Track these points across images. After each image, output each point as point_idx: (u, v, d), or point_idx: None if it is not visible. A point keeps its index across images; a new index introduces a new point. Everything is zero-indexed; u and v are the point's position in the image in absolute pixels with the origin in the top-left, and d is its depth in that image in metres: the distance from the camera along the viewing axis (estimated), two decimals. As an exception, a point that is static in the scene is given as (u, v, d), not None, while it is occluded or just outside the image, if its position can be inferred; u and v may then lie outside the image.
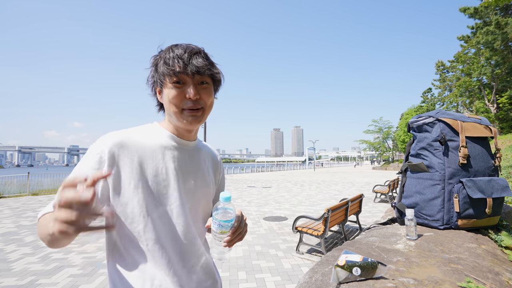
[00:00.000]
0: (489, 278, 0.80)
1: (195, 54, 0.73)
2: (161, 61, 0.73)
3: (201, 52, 0.76)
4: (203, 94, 0.75)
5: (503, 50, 19.21)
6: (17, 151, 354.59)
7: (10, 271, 3.30)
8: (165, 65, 0.72)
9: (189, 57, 0.72)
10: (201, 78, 0.74)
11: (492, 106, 22.20)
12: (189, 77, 0.72)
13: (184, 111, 0.74)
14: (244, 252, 3.98)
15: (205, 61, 0.74)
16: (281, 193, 10.61)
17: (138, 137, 0.75)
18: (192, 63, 0.71)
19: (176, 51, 0.73)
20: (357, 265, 0.75)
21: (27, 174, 10.78)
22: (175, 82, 0.72)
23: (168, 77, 0.72)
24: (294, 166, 47.19)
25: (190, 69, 0.71)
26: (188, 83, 0.73)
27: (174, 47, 0.75)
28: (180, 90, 0.72)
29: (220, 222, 0.66)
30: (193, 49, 0.74)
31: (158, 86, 0.76)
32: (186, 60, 0.71)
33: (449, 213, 1.24)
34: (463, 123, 1.30)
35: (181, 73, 0.71)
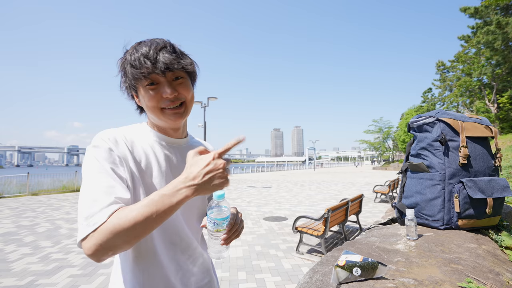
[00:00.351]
0: (490, 278, 0.80)
1: (161, 50, 0.68)
2: (128, 64, 0.68)
3: (167, 45, 0.70)
4: (180, 89, 0.71)
5: (504, 50, 19.21)
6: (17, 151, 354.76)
7: (9, 271, 3.30)
8: (133, 68, 0.67)
9: (155, 54, 0.67)
10: (174, 73, 0.69)
11: (492, 106, 22.20)
12: (160, 76, 0.67)
13: (165, 110, 0.70)
14: (244, 252, 3.97)
15: (172, 55, 0.68)
16: (281, 193, 10.60)
17: (130, 136, 0.73)
18: (159, 60, 0.66)
19: (140, 50, 0.68)
20: (357, 265, 0.74)
21: (27, 174, 10.78)
22: (148, 84, 0.68)
23: (139, 81, 0.67)
24: (294, 166, 47.19)
25: (160, 67, 0.66)
26: (161, 82, 0.68)
27: (137, 46, 0.70)
28: (155, 91, 0.68)
29: (215, 221, 0.65)
30: (157, 44, 0.69)
31: (132, 91, 0.72)
32: (152, 58, 0.66)
33: (450, 213, 1.24)
34: (463, 123, 1.30)
35: (151, 73, 0.66)
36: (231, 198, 9.43)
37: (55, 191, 11.29)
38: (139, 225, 0.53)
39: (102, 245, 0.52)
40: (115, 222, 0.53)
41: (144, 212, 0.53)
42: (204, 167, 0.57)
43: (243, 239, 4.57)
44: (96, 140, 0.67)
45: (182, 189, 0.55)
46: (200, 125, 16.65)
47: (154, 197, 0.55)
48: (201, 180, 0.56)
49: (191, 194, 0.56)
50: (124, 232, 0.52)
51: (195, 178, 0.56)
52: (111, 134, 0.69)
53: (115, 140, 0.68)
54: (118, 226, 0.52)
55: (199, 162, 0.58)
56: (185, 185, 0.55)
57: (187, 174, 0.57)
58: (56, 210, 7.28)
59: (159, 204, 0.54)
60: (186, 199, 0.56)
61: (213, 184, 0.57)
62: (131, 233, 0.53)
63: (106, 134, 0.68)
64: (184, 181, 0.56)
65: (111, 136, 0.68)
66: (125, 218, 0.53)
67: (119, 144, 0.68)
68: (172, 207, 0.55)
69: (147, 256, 0.69)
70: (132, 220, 0.52)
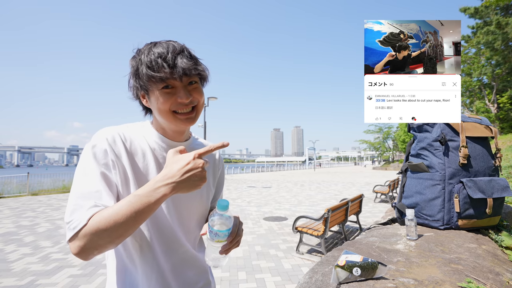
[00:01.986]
0: (490, 278, 0.80)
1: (179, 54, 0.67)
2: (142, 65, 0.67)
3: (184, 50, 0.69)
4: (194, 94, 0.71)
5: (504, 50, 19.21)
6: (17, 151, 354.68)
7: (9, 271, 3.30)
8: (149, 70, 0.65)
9: (173, 58, 0.66)
10: (189, 78, 0.69)
11: (492, 106, 22.20)
12: (177, 81, 0.67)
13: (177, 114, 0.70)
14: (244, 252, 3.97)
15: (190, 61, 0.68)
16: (281, 193, 10.60)
17: (131, 135, 0.73)
18: (178, 65, 0.66)
19: (156, 50, 0.66)
20: (357, 265, 0.74)
21: (27, 174, 10.78)
22: (164, 87, 0.67)
23: (154, 83, 0.66)
24: (294, 166, 47.19)
25: (178, 73, 0.65)
26: (177, 86, 0.68)
27: (153, 47, 0.68)
28: (170, 95, 0.68)
29: (217, 232, 0.62)
30: (174, 47, 0.68)
31: (143, 91, 0.71)
32: (171, 62, 0.65)
33: (450, 213, 1.24)
34: (463, 123, 1.30)
35: (168, 78, 0.66)
36: (231, 198, 9.43)
37: (55, 191, 11.28)
38: (119, 225, 0.54)
39: (86, 246, 0.54)
40: (95, 225, 0.54)
41: (124, 212, 0.54)
42: (184, 166, 0.58)
43: (243, 239, 4.57)
44: (95, 138, 0.67)
45: (161, 188, 0.56)
46: (200, 125, 16.65)
47: (133, 198, 0.56)
48: (179, 178, 0.57)
49: (169, 192, 0.57)
50: (106, 233, 0.54)
51: (174, 176, 0.57)
52: (110, 133, 0.68)
53: (114, 140, 0.68)
54: (98, 228, 0.54)
55: (179, 161, 0.59)
56: (163, 183, 0.57)
57: (166, 172, 0.58)
58: (56, 210, 7.28)
59: (138, 203, 0.55)
60: (165, 197, 0.57)
61: (191, 183, 0.58)
62: (113, 234, 0.54)
63: (105, 133, 0.68)
64: (162, 179, 0.57)
65: (110, 135, 0.68)
66: (105, 220, 0.54)
67: (117, 144, 0.68)
68: (152, 205, 0.56)
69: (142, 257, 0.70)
70: (112, 221, 0.54)
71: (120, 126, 0.74)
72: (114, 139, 0.68)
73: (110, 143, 0.67)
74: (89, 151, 0.65)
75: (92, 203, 0.58)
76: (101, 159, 0.64)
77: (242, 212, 6.91)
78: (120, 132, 0.71)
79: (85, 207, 0.57)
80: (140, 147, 0.72)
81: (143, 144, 0.73)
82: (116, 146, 0.68)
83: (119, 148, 0.68)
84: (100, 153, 0.65)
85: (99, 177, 0.62)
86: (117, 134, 0.70)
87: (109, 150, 0.66)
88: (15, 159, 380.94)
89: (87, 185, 0.61)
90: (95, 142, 0.66)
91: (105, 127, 0.71)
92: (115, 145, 0.68)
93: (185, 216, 0.77)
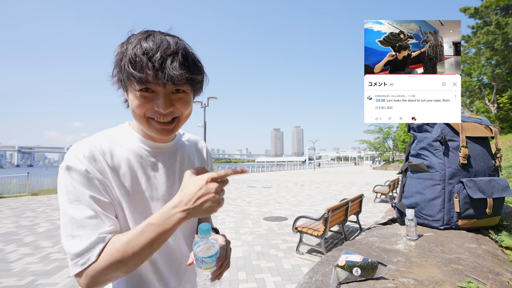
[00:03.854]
0: (490, 278, 0.80)
1: (171, 56, 0.56)
2: (126, 57, 0.57)
3: (179, 52, 0.58)
4: (178, 104, 0.61)
5: (504, 50, 19.21)
6: (17, 151, 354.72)
7: (9, 271, 3.30)
8: (130, 66, 0.56)
9: (162, 60, 0.55)
10: (176, 86, 0.59)
11: (492, 106, 22.19)
12: (160, 85, 0.57)
13: (152, 121, 0.61)
14: (244, 252, 3.97)
15: (183, 69, 0.57)
16: (281, 193, 10.60)
17: (110, 146, 0.64)
18: (165, 70, 0.55)
19: (144, 45, 0.56)
20: (357, 265, 0.74)
21: (27, 174, 10.78)
22: (142, 90, 0.58)
23: (132, 82, 0.57)
24: (294, 166, 47.19)
25: (162, 79, 0.55)
26: (158, 92, 0.58)
27: (143, 40, 0.57)
28: (147, 100, 0.59)
29: (203, 259, 0.58)
30: (168, 46, 0.57)
31: (122, 87, 0.62)
32: (157, 64, 0.55)
33: (450, 213, 1.24)
34: (463, 123, 1.30)
35: (149, 82, 0.56)
36: (231, 198, 9.43)
37: (55, 191, 11.28)
38: (135, 257, 0.53)
39: (99, 279, 0.52)
40: (109, 260, 0.52)
41: (139, 244, 0.53)
42: (196, 192, 0.55)
43: (243, 239, 4.57)
44: (70, 159, 0.58)
45: (176, 214, 0.55)
46: (200, 125, 16.66)
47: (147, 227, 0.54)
48: (192, 205, 0.55)
49: (185, 217, 0.55)
50: (123, 265, 0.53)
51: (188, 203, 0.55)
52: (86, 149, 0.60)
53: (92, 157, 0.59)
54: (113, 262, 0.52)
55: (192, 185, 0.56)
56: (178, 210, 0.55)
57: (181, 198, 0.56)
58: (56, 210, 7.27)
59: (154, 233, 0.54)
60: (181, 222, 0.55)
61: (204, 208, 0.55)
62: (130, 263, 0.54)
63: (80, 150, 0.59)
64: (177, 205, 0.55)
65: (86, 152, 0.59)
66: (121, 252, 0.52)
67: (97, 161, 0.60)
68: (168, 231, 0.55)
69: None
70: (127, 254, 0.53)
71: (94, 137, 0.64)
72: (92, 155, 0.60)
73: (89, 161, 0.58)
74: (67, 176, 0.56)
75: (95, 235, 0.53)
76: (84, 182, 0.56)
77: (242, 212, 6.91)
78: (96, 145, 0.62)
79: (89, 240, 0.53)
80: (123, 158, 0.64)
81: (126, 153, 0.65)
82: (97, 163, 0.59)
83: (100, 164, 0.60)
84: (80, 175, 0.56)
85: (91, 201, 0.56)
86: (94, 148, 0.61)
87: (90, 169, 0.57)
88: (15, 159, 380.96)
89: (80, 212, 0.54)
90: (71, 163, 0.57)
91: (77, 142, 0.61)
92: (95, 163, 0.59)
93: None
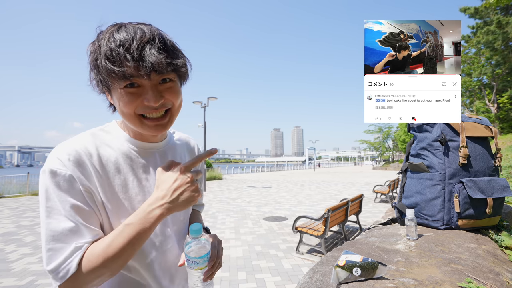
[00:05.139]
0: (490, 278, 0.80)
1: (148, 43, 0.53)
2: (101, 55, 0.53)
3: (156, 38, 0.54)
4: (168, 95, 0.58)
5: (504, 50, 19.21)
6: (17, 151, 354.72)
7: (9, 271, 3.30)
8: (108, 62, 0.52)
9: (140, 47, 0.52)
10: (162, 76, 0.56)
11: (492, 106, 22.19)
12: (144, 79, 0.54)
13: (145, 120, 0.58)
14: (244, 252, 3.97)
15: (162, 53, 0.54)
16: (281, 193, 10.60)
17: (96, 148, 0.60)
18: (145, 58, 0.52)
19: (118, 37, 0.52)
20: (357, 265, 0.74)
21: (27, 174, 10.78)
22: (127, 86, 0.54)
23: (115, 80, 0.53)
24: (294, 166, 47.20)
25: (144, 69, 0.52)
26: (144, 85, 0.55)
27: (116, 32, 0.53)
28: (135, 96, 0.55)
29: (194, 260, 0.57)
30: (143, 34, 0.53)
31: (105, 88, 0.58)
32: (135, 53, 0.52)
33: (450, 213, 1.24)
34: (463, 123, 1.30)
35: (133, 76, 0.52)
36: (231, 198, 9.43)
37: (55, 191, 11.29)
38: (118, 258, 0.52)
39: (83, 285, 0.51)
40: (90, 267, 0.50)
41: (119, 245, 0.51)
42: (172, 184, 0.54)
43: (243, 239, 4.57)
44: (53, 162, 0.53)
45: (155, 210, 0.53)
46: (200, 125, 16.65)
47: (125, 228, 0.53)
48: (170, 198, 0.54)
49: (165, 213, 0.54)
50: (106, 269, 0.51)
51: (164, 197, 0.54)
52: (71, 152, 0.55)
53: (77, 161, 0.55)
54: (95, 268, 0.50)
55: (167, 179, 0.55)
56: (156, 206, 0.54)
57: (157, 194, 0.55)
58: (56, 210, 7.27)
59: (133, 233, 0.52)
60: (161, 218, 0.54)
61: (182, 200, 0.55)
62: (113, 267, 0.52)
63: (65, 152, 0.55)
64: (154, 201, 0.54)
65: (71, 155, 0.55)
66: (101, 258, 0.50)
67: (83, 165, 0.56)
68: (148, 230, 0.53)
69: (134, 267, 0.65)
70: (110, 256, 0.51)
71: (80, 137, 0.60)
72: (78, 158, 0.55)
73: (74, 165, 0.54)
74: (49, 181, 0.52)
75: (72, 246, 0.50)
76: (68, 189, 0.53)
77: (242, 212, 6.91)
78: (82, 147, 0.57)
79: (64, 251, 0.50)
80: (112, 160, 0.61)
81: (114, 155, 0.62)
82: (83, 167, 0.55)
83: (86, 168, 0.56)
84: (64, 181, 0.52)
85: (71, 212, 0.52)
86: (80, 150, 0.56)
87: (75, 175, 0.54)
88: (15, 159, 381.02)
89: (58, 224, 0.51)
90: (54, 167, 0.52)
91: (61, 143, 0.57)
92: (81, 167, 0.55)
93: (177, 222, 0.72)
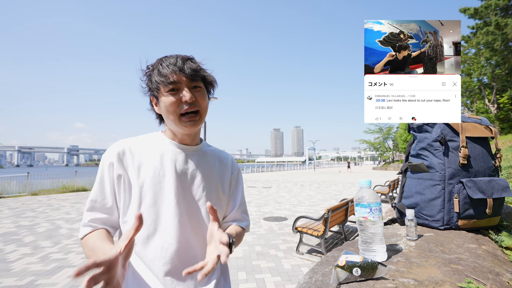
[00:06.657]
0: (490, 278, 0.80)
1: (187, 60, 0.79)
2: (155, 71, 0.78)
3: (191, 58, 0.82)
4: (198, 97, 0.79)
5: (503, 50, 19.20)
6: (17, 151, 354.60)
7: (9, 271, 3.30)
8: (159, 76, 0.76)
9: (182, 62, 0.78)
10: (194, 83, 0.79)
11: (492, 106, 22.19)
12: (183, 82, 0.77)
13: (182, 117, 0.78)
14: (244, 252, 3.97)
15: (197, 65, 0.80)
16: (281, 193, 10.60)
17: (140, 144, 0.81)
18: (185, 68, 0.77)
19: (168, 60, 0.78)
20: (357, 266, 0.74)
21: (27, 174, 10.77)
22: (170, 90, 0.76)
23: (162, 86, 0.76)
24: (294, 166, 47.19)
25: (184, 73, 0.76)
26: (182, 88, 0.77)
27: (164, 58, 0.80)
28: (175, 96, 0.77)
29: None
30: (183, 56, 0.81)
31: (154, 96, 0.81)
32: (180, 65, 0.77)
33: (450, 213, 1.24)
34: (463, 123, 1.30)
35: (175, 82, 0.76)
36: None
37: (55, 191, 11.27)
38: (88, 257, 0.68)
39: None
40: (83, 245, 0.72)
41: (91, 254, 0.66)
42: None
43: (243, 239, 4.56)
44: (107, 151, 0.78)
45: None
46: (200, 125, 16.62)
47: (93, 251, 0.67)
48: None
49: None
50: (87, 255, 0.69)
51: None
52: (121, 147, 0.78)
53: (123, 153, 0.78)
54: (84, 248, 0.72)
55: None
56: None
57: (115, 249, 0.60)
58: (56, 210, 7.27)
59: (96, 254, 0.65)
60: None
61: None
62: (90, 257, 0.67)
63: (116, 147, 0.78)
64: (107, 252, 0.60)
65: (120, 149, 0.78)
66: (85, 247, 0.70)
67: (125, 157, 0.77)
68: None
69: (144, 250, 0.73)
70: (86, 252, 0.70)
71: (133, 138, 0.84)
72: (124, 152, 0.78)
73: (118, 156, 0.77)
74: (101, 162, 0.77)
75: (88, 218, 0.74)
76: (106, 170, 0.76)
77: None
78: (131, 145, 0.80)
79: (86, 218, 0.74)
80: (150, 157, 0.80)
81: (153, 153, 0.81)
82: (124, 159, 0.77)
83: (127, 161, 0.77)
84: (106, 165, 0.76)
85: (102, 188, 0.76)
86: (127, 147, 0.79)
87: (115, 163, 0.76)
88: (15, 159, 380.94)
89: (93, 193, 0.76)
90: (105, 155, 0.77)
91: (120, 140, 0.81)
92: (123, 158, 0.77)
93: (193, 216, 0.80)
